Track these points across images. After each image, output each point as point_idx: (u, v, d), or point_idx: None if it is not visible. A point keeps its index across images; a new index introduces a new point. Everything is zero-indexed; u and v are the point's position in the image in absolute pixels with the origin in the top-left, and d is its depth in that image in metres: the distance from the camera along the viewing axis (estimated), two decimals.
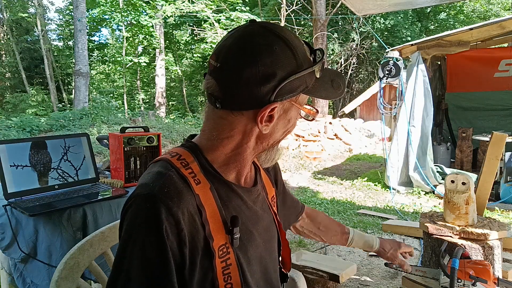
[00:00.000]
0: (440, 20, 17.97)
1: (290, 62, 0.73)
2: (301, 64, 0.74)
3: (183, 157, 0.78)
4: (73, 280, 0.93)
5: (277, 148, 0.84)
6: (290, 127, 0.82)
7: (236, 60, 0.72)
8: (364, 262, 2.90)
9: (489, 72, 6.20)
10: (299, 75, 0.73)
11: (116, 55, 18.03)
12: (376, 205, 4.63)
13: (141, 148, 1.90)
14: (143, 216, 0.69)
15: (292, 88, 0.74)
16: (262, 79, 0.71)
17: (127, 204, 0.73)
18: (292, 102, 0.77)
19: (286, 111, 0.78)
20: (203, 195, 0.75)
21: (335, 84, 0.81)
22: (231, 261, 0.76)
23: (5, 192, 1.58)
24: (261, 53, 0.72)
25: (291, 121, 0.81)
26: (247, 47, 0.73)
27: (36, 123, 10.50)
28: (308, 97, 0.81)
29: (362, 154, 8.90)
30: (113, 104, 14.40)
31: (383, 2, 3.06)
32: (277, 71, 0.72)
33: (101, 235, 1.03)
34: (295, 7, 13.16)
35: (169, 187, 0.71)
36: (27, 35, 19.76)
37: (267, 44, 0.72)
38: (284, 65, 0.72)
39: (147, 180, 0.73)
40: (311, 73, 0.76)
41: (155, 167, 0.77)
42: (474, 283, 1.30)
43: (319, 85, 0.79)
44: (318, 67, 0.77)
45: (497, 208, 4.17)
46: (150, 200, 0.70)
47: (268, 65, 0.71)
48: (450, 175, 1.91)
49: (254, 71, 0.71)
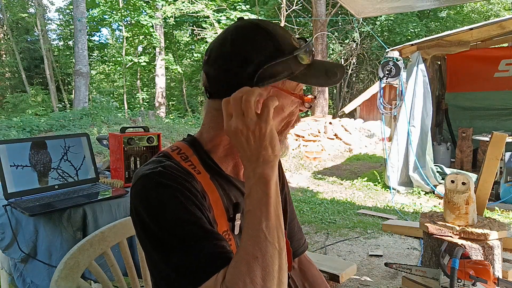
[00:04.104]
0: (441, 19, 17.97)
1: (269, 48, 0.75)
2: (282, 50, 0.75)
3: (183, 151, 0.80)
4: (73, 280, 0.93)
5: (282, 141, 0.82)
6: (287, 116, 0.80)
7: (218, 49, 0.77)
8: (364, 262, 2.90)
9: (489, 72, 6.20)
10: (279, 60, 0.74)
11: (116, 55, 18.03)
12: (376, 205, 4.63)
13: (141, 148, 1.90)
14: (155, 184, 0.70)
15: (273, 73, 0.74)
16: (241, 64, 0.74)
17: (133, 187, 0.73)
18: (278, 89, 0.76)
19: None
20: (205, 183, 0.76)
21: (330, 73, 0.80)
22: (232, 247, 0.77)
23: (5, 192, 1.58)
24: (242, 41, 0.75)
25: (285, 110, 0.79)
26: (228, 37, 0.77)
27: (36, 123, 10.49)
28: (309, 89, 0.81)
29: (362, 154, 8.90)
30: (113, 104, 14.40)
31: (382, 6, 3.07)
32: (255, 56, 0.74)
33: (101, 235, 1.03)
34: (295, 7, 13.15)
35: (172, 169, 0.73)
36: (27, 35, 19.75)
37: (248, 33, 0.76)
38: (262, 50, 0.74)
39: (148, 166, 0.74)
40: (295, 60, 0.76)
41: (156, 158, 0.78)
42: (474, 283, 1.30)
43: (309, 73, 0.78)
44: (302, 53, 0.76)
45: (497, 208, 4.18)
46: (157, 174, 0.71)
47: (247, 50, 0.74)
48: (450, 175, 1.91)
49: (234, 58, 0.74)
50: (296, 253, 1.05)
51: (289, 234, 1.03)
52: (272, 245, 0.63)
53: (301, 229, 1.08)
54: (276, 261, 0.62)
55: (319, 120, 10.44)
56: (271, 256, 0.62)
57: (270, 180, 0.66)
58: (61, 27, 22.31)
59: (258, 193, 0.65)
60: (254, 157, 0.67)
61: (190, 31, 19.02)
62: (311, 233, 3.60)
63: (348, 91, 19.35)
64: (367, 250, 3.13)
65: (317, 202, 4.69)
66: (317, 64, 0.81)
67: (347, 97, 18.82)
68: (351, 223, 3.84)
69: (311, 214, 4.18)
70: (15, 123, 10.22)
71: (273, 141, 0.67)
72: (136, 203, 0.71)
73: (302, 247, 1.06)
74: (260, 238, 0.63)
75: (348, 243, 3.31)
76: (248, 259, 0.61)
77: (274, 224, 0.64)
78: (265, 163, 0.66)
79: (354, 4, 3.07)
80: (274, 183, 0.66)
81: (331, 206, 4.51)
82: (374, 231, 3.59)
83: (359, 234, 3.52)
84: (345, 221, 3.93)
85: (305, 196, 5.05)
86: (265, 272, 0.61)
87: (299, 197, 5.00)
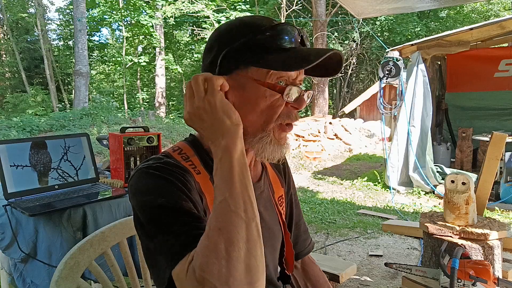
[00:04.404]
0: (441, 18, 17.97)
1: (232, 36, 0.74)
2: (244, 36, 0.73)
3: (184, 151, 0.80)
4: (73, 280, 0.93)
5: (269, 139, 0.76)
6: (265, 110, 0.74)
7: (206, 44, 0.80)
8: (364, 262, 2.90)
9: (489, 72, 6.20)
10: (236, 44, 0.72)
11: (116, 55, 18.03)
12: (376, 205, 4.63)
13: (141, 148, 1.90)
14: (153, 172, 0.71)
15: (236, 60, 0.73)
16: (206, 54, 0.77)
17: (129, 180, 0.74)
18: (243, 76, 0.73)
19: (242, 86, 0.74)
20: (203, 184, 0.76)
21: (313, 57, 0.69)
22: None
23: (5, 192, 1.58)
24: (213, 34, 0.79)
25: (259, 101, 0.73)
26: (214, 33, 0.79)
27: (36, 123, 10.50)
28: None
29: (362, 154, 8.90)
30: (113, 104, 14.41)
31: (382, 7, 3.07)
32: (216, 45, 0.75)
33: (101, 235, 1.03)
34: (295, 7, 13.15)
35: (169, 165, 0.73)
36: (27, 35, 19.75)
37: (229, 26, 0.78)
38: (223, 38, 0.75)
39: (147, 162, 0.75)
40: (257, 45, 0.72)
41: (156, 156, 0.79)
42: (474, 283, 1.30)
43: (278, 58, 0.71)
44: (266, 37, 0.72)
45: (497, 208, 4.18)
46: (153, 167, 0.72)
47: (212, 41, 0.77)
48: (450, 175, 1.91)
49: (205, 52, 0.79)
50: (302, 254, 1.04)
51: (296, 235, 1.03)
52: (236, 215, 0.59)
53: (307, 230, 1.07)
54: (243, 232, 0.58)
55: (319, 120, 10.45)
56: (235, 226, 0.58)
57: (233, 150, 0.63)
58: (61, 27, 22.33)
59: (222, 166, 0.63)
60: (213, 134, 0.66)
61: (190, 31, 19.02)
62: (311, 233, 3.60)
63: (348, 91, 19.35)
64: (367, 250, 3.13)
65: (317, 202, 4.69)
66: (297, 50, 0.73)
67: (347, 97, 18.82)
68: (351, 223, 3.84)
69: (311, 214, 4.18)
70: (15, 123, 10.23)
71: (227, 111, 0.66)
72: (130, 196, 0.72)
73: (307, 248, 1.06)
74: (223, 210, 0.59)
75: (348, 243, 3.31)
76: (211, 232, 0.58)
77: (240, 194, 0.60)
78: (226, 135, 0.64)
79: (354, 5, 3.08)
80: (238, 153, 0.63)
81: (331, 206, 4.52)
82: (374, 231, 3.59)
83: (359, 234, 3.52)
84: (345, 221, 3.93)
85: (305, 196, 5.05)
86: (229, 243, 0.56)
87: (299, 197, 4.98)
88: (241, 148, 0.64)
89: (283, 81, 0.74)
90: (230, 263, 0.56)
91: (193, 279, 0.56)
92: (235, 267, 0.56)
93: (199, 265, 0.56)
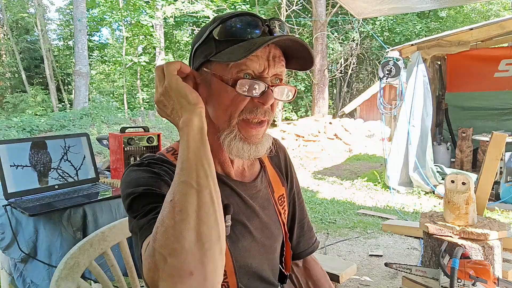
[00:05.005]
0: (441, 18, 17.97)
1: (201, 32, 0.77)
2: (209, 32, 0.75)
3: (177, 152, 0.80)
4: (73, 280, 0.93)
5: (233, 135, 0.76)
6: (229, 104, 0.74)
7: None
8: (364, 262, 2.90)
9: (489, 72, 6.19)
10: (201, 40, 0.76)
11: (116, 55, 18.03)
12: (376, 205, 4.63)
13: (141, 148, 1.90)
14: (136, 168, 0.75)
15: (199, 55, 0.76)
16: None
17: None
18: (205, 71, 0.75)
19: (208, 81, 0.75)
20: None
21: (257, 46, 0.68)
22: None
23: (5, 192, 1.58)
24: (197, 33, 0.82)
25: (222, 96, 0.74)
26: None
27: (36, 123, 10.50)
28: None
29: (362, 154, 8.90)
30: (113, 104, 14.41)
31: (382, 7, 3.08)
32: (192, 42, 0.80)
33: (101, 235, 1.03)
34: (295, 7, 13.15)
35: (161, 160, 0.77)
36: (27, 35, 19.73)
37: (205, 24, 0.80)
38: (197, 36, 0.79)
39: (137, 160, 0.79)
40: (215, 40, 0.73)
41: (148, 154, 0.82)
42: (474, 283, 1.30)
43: (231, 50, 0.71)
44: (220, 30, 0.73)
45: (497, 208, 4.17)
46: (141, 164, 0.75)
47: (193, 40, 0.81)
48: (450, 175, 1.91)
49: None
50: (306, 252, 1.04)
51: (299, 233, 1.03)
52: (186, 184, 0.58)
53: (312, 229, 1.07)
54: (193, 200, 0.57)
55: (319, 120, 10.45)
56: (184, 194, 0.57)
57: (189, 125, 0.64)
58: (61, 27, 22.29)
59: (181, 143, 0.64)
60: (176, 116, 0.67)
61: (190, 31, 19.01)
62: None
63: (348, 91, 19.34)
64: (367, 250, 3.13)
65: (317, 202, 4.69)
66: (253, 40, 0.71)
67: (347, 97, 18.81)
68: (351, 223, 3.84)
69: (311, 214, 4.18)
70: (15, 123, 10.24)
71: (183, 92, 0.67)
72: (120, 191, 0.76)
73: (312, 247, 1.05)
74: (175, 182, 0.60)
75: (348, 243, 3.31)
76: (164, 205, 0.58)
77: (194, 164, 0.60)
78: (184, 114, 0.66)
79: (354, 5, 3.08)
80: (194, 129, 0.64)
81: (331, 206, 4.51)
82: (374, 231, 3.59)
83: (359, 234, 3.52)
84: (345, 221, 3.93)
85: (305, 196, 5.05)
86: (178, 212, 0.56)
87: None
88: (198, 125, 0.64)
89: (249, 75, 0.73)
90: (177, 231, 0.55)
91: (148, 254, 0.57)
92: (183, 236, 0.55)
93: (152, 238, 0.57)
